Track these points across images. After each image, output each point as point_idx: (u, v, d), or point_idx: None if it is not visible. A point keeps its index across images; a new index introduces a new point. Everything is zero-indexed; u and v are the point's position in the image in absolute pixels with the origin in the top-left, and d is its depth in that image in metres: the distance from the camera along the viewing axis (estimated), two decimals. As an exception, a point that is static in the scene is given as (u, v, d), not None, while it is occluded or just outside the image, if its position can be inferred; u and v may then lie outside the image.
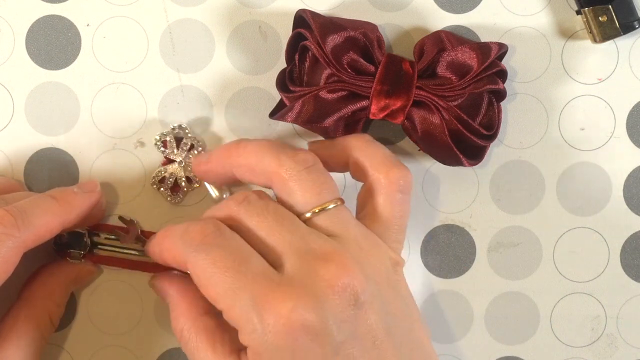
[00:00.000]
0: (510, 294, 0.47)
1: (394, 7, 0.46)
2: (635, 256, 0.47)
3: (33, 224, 0.41)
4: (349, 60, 0.42)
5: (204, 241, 0.39)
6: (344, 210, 0.41)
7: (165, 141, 0.46)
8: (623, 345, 0.48)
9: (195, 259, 0.39)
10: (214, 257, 0.38)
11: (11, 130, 0.46)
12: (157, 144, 0.46)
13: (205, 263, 0.38)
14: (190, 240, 0.39)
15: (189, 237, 0.39)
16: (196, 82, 0.46)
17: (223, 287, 0.38)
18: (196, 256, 0.39)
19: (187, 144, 0.46)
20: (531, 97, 0.46)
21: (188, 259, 0.39)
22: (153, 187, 0.46)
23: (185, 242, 0.39)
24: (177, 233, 0.40)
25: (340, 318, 0.37)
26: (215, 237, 0.39)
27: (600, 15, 0.44)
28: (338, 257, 0.38)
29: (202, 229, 0.39)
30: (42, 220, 0.41)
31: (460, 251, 0.47)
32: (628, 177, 0.47)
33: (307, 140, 0.45)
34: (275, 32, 0.46)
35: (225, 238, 0.39)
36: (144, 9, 0.46)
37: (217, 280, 0.38)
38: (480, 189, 0.47)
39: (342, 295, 0.37)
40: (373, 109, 0.42)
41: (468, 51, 0.42)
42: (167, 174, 0.46)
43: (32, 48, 0.46)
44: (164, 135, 0.46)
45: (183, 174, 0.46)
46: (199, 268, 0.39)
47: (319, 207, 0.40)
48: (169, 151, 0.46)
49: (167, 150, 0.46)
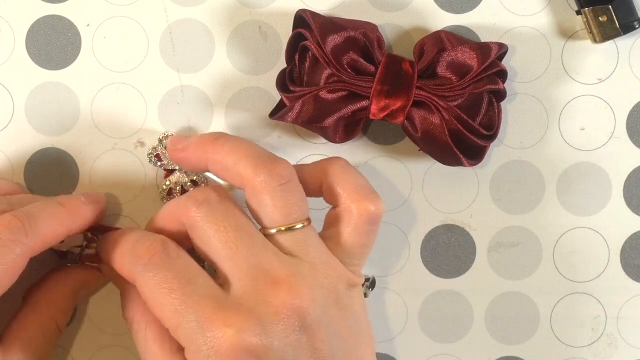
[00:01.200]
0: (510, 294, 0.47)
1: (394, 7, 0.46)
2: (635, 256, 0.47)
3: (40, 230, 0.40)
4: (349, 60, 0.42)
5: (151, 260, 0.39)
6: (308, 232, 0.41)
7: (158, 154, 0.46)
8: (623, 345, 0.48)
9: (142, 278, 0.39)
10: (160, 278, 0.38)
11: (11, 130, 0.46)
12: (151, 159, 0.46)
13: (152, 283, 0.39)
14: (137, 258, 0.39)
15: (136, 254, 0.40)
16: (196, 82, 0.46)
17: (169, 308, 0.38)
18: (143, 275, 0.39)
19: None
20: (531, 97, 0.46)
21: (135, 276, 0.39)
22: (163, 201, 0.46)
23: (133, 258, 0.40)
24: (126, 246, 0.40)
25: (285, 342, 0.37)
26: (161, 257, 0.39)
27: (600, 15, 0.44)
28: (289, 282, 0.38)
29: (149, 247, 0.39)
30: (49, 227, 0.41)
31: (460, 251, 0.47)
32: (628, 177, 0.47)
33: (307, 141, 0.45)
34: (275, 32, 0.46)
35: (171, 258, 0.39)
36: (144, 9, 0.46)
37: (163, 301, 0.38)
38: (480, 189, 0.47)
39: (287, 321, 0.37)
40: (373, 109, 0.42)
41: (468, 51, 0.42)
42: (172, 184, 0.46)
43: (32, 48, 0.46)
44: (155, 149, 0.45)
45: (187, 179, 0.46)
46: (145, 287, 0.39)
47: (286, 227, 0.40)
48: (166, 162, 0.46)
49: (162, 162, 0.46)
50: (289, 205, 0.40)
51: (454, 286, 0.47)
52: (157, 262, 0.39)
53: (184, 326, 0.38)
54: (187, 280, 0.38)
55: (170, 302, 0.38)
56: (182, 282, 0.38)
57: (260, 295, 0.38)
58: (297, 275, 0.39)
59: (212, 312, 0.37)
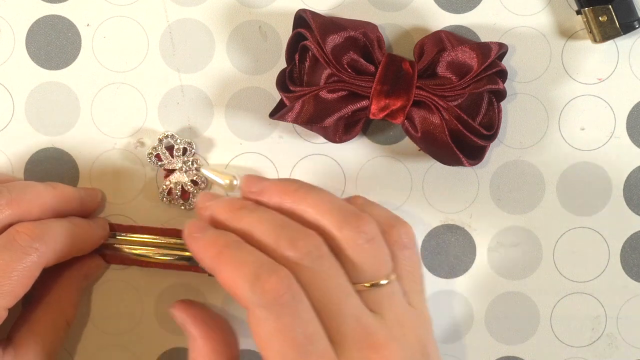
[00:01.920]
0: (511, 294, 0.47)
1: (394, 7, 0.46)
2: (635, 256, 0.47)
3: (56, 245, 0.41)
4: (349, 60, 0.42)
5: (277, 302, 0.37)
6: (395, 287, 0.40)
7: (158, 154, 0.46)
8: (623, 345, 0.48)
9: (261, 316, 0.37)
10: (284, 325, 0.37)
11: (11, 130, 0.46)
12: (151, 159, 0.46)
13: (273, 327, 0.37)
14: (261, 293, 0.37)
15: (260, 289, 0.37)
16: (196, 82, 0.46)
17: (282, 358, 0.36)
18: (263, 313, 0.37)
19: (180, 149, 0.46)
20: (531, 97, 0.46)
21: (253, 310, 0.37)
22: (164, 201, 0.46)
23: (256, 292, 0.37)
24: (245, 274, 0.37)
25: None
26: (288, 300, 0.37)
27: (600, 15, 0.44)
28: (387, 346, 0.38)
29: (276, 284, 0.37)
30: (64, 245, 0.42)
31: (460, 251, 0.47)
32: (628, 177, 0.47)
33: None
34: (275, 32, 0.46)
35: (297, 304, 0.37)
36: (144, 9, 0.46)
37: (279, 349, 0.36)
38: (480, 189, 0.47)
39: None
40: (373, 108, 0.42)
41: (468, 51, 0.42)
42: (172, 184, 0.46)
43: (32, 48, 0.46)
44: (155, 149, 0.46)
45: (187, 179, 0.46)
46: (263, 329, 0.37)
47: (372, 283, 0.39)
48: (166, 162, 0.46)
49: (162, 162, 0.46)
50: (377, 261, 0.40)
51: (454, 286, 0.47)
52: (284, 305, 0.37)
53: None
54: (308, 337, 0.37)
55: (288, 354, 0.36)
56: (304, 337, 0.37)
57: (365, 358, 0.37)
58: (392, 338, 0.38)
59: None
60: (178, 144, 0.46)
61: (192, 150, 0.46)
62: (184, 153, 0.46)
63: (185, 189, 0.46)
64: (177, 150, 0.46)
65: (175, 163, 0.46)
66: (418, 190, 0.47)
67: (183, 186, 0.46)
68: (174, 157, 0.46)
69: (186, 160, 0.46)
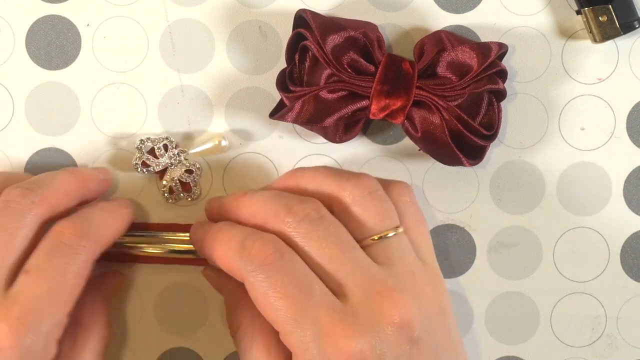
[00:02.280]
0: (511, 294, 0.47)
1: (394, 7, 0.46)
2: (635, 256, 0.47)
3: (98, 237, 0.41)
4: (349, 60, 0.42)
5: (265, 262, 0.38)
6: (403, 240, 0.41)
7: (143, 162, 0.45)
8: (623, 345, 0.48)
9: (254, 280, 0.38)
10: (275, 282, 0.37)
11: (11, 130, 0.46)
12: (139, 169, 0.45)
13: (266, 287, 0.37)
14: (248, 258, 0.38)
15: (247, 255, 0.38)
16: (196, 82, 0.46)
17: (284, 314, 0.37)
18: (256, 277, 0.38)
19: (160, 147, 0.45)
20: (531, 97, 0.46)
21: (246, 277, 0.38)
22: (170, 202, 0.46)
23: (243, 259, 0.38)
24: (233, 246, 0.39)
25: (397, 354, 0.37)
26: (275, 259, 0.38)
27: (600, 15, 0.44)
28: (397, 293, 0.38)
29: (261, 248, 0.38)
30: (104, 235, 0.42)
31: (460, 251, 0.47)
32: (628, 177, 0.47)
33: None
34: (275, 32, 0.46)
35: (286, 261, 0.38)
36: (144, 9, 0.46)
37: (277, 307, 0.37)
38: (480, 189, 0.47)
39: (399, 332, 0.37)
40: (373, 108, 0.42)
41: (468, 51, 0.42)
42: (169, 183, 0.46)
43: (32, 48, 0.46)
44: (139, 158, 0.45)
45: (180, 171, 0.46)
46: (258, 291, 0.38)
47: (379, 235, 0.40)
48: (154, 166, 0.46)
49: (151, 167, 0.46)
50: (381, 211, 0.40)
51: (454, 286, 0.47)
52: (272, 265, 0.38)
53: (299, 333, 0.37)
54: (303, 287, 0.37)
55: (287, 308, 0.37)
56: (298, 289, 0.37)
57: (375, 306, 0.37)
58: (403, 288, 0.39)
59: (329, 323, 0.37)
60: (157, 144, 0.45)
61: (172, 143, 0.46)
62: (166, 150, 0.46)
63: (183, 180, 0.46)
64: (158, 149, 0.45)
65: (162, 162, 0.46)
66: (418, 190, 0.47)
67: (180, 179, 0.46)
68: (159, 157, 0.46)
69: (171, 155, 0.46)
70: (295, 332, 0.37)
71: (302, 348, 0.37)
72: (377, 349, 0.37)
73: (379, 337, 0.37)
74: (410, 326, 0.38)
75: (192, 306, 0.47)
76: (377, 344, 0.37)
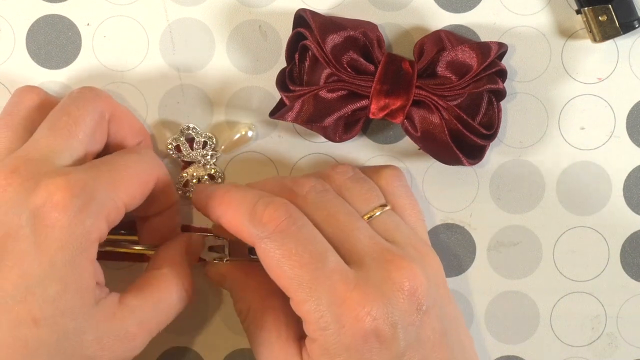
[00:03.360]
0: (510, 293, 0.47)
1: (394, 6, 0.46)
2: (635, 255, 0.47)
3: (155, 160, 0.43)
4: (348, 59, 0.42)
5: (278, 229, 0.38)
6: (394, 216, 0.41)
7: (177, 146, 0.46)
8: (623, 345, 0.48)
9: (267, 247, 0.38)
10: (288, 249, 0.37)
11: (11, 129, 0.46)
12: (171, 149, 0.46)
13: (279, 254, 0.37)
14: (260, 225, 0.38)
15: (259, 220, 0.38)
16: (196, 81, 0.46)
17: (298, 281, 0.37)
18: (268, 244, 0.38)
19: (200, 142, 0.46)
20: (531, 97, 0.46)
21: (258, 244, 0.38)
22: (179, 193, 0.46)
23: (255, 225, 0.38)
24: (243, 210, 0.39)
25: (408, 322, 0.38)
26: (288, 226, 0.38)
27: (600, 15, 0.44)
28: (406, 261, 0.38)
29: (273, 214, 0.38)
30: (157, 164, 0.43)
31: (460, 250, 0.47)
32: (628, 177, 0.47)
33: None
34: (275, 31, 0.46)
35: (299, 227, 0.38)
36: (144, 9, 0.46)
37: (291, 274, 0.37)
38: (480, 188, 0.47)
39: (410, 299, 0.38)
40: (373, 108, 0.42)
41: (468, 51, 0.42)
42: (189, 177, 0.46)
43: (32, 47, 0.46)
44: (175, 139, 0.46)
45: (204, 172, 0.46)
46: (271, 258, 0.38)
47: (368, 215, 0.41)
48: (185, 154, 0.46)
49: (182, 153, 0.46)
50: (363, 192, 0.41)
51: (454, 285, 0.47)
52: (284, 231, 0.38)
53: (312, 302, 0.37)
54: (317, 255, 0.37)
55: (300, 276, 0.37)
56: (312, 256, 0.37)
57: (386, 274, 0.38)
58: (410, 257, 0.39)
59: (344, 290, 0.37)
60: (199, 137, 0.46)
61: (212, 144, 0.46)
62: (203, 146, 0.46)
63: (202, 182, 0.46)
64: (197, 143, 0.46)
65: (194, 156, 0.46)
66: (418, 189, 0.47)
67: (200, 179, 0.46)
68: (194, 150, 0.46)
69: (204, 154, 0.46)
70: (309, 300, 0.37)
71: (316, 316, 0.37)
72: (389, 317, 0.37)
73: (391, 304, 0.37)
74: (419, 294, 0.38)
75: (193, 305, 0.47)
76: (389, 312, 0.37)
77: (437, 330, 0.39)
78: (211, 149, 0.46)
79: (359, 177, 0.42)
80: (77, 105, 0.40)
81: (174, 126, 0.46)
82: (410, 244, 0.40)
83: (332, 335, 0.37)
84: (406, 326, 0.37)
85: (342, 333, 0.37)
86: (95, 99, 0.41)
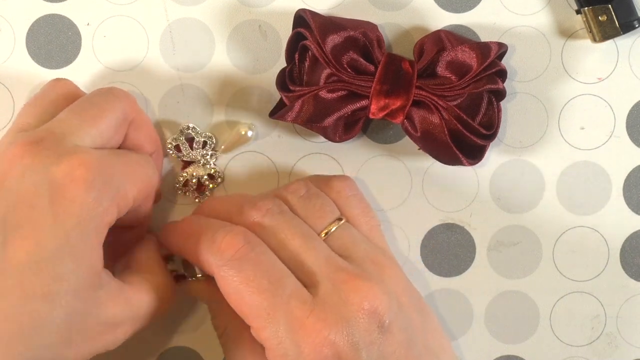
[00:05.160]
0: (510, 293, 0.47)
1: (394, 6, 0.46)
2: (635, 255, 0.47)
3: None
4: (348, 59, 0.42)
5: (236, 256, 0.38)
6: (350, 229, 0.41)
7: (177, 145, 0.46)
8: (623, 344, 0.48)
9: (225, 275, 0.38)
10: (246, 276, 0.37)
11: (12, 129, 0.46)
12: (170, 149, 0.46)
13: (237, 281, 0.37)
14: (218, 252, 0.38)
15: (217, 248, 0.38)
16: (196, 81, 0.46)
17: (256, 308, 0.37)
18: (227, 271, 0.38)
19: (200, 141, 0.46)
20: (531, 97, 0.46)
21: (216, 272, 0.38)
22: (179, 192, 0.46)
23: (213, 253, 0.38)
24: (202, 240, 0.39)
25: (369, 341, 0.37)
26: (246, 252, 0.38)
27: (600, 15, 0.44)
28: (361, 280, 0.38)
29: (231, 241, 0.38)
30: None
31: (460, 250, 0.47)
32: (628, 177, 0.47)
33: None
34: (275, 31, 0.46)
35: (257, 253, 0.38)
36: (144, 8, 0.46)
37: (249, 301, 0.37)
38: (480, 188, 0.47)
39: (370, 318, 0.38)
40: (373, 108, 0.43)
41: (468, 51, 0.42)
42: (189, 176, 0.46)
43: (32, 47, 0.46)
44: (175, 139, 0.46)
45: (204, 172, 0.46)
46: (229, 285, 0.38)
47: (324, 231, 0.41)
48: (185, 154, 0.46)
49: (181, 153, 0.46)
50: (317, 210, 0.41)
51: (454, 285, 0.47)
52: (242, 258, 0.38)
53: (271, 328, 0.37)
54: (275, 280, 0.37)
55: (259, 302, 0.37)
56: (270, 282, 0.37)
57: (343, 295, 0.38)
58: (366, 274, 0.39)
59: (302, 315, 0.37)
60: (199, 137, 0.46)
61: (212, 144, 0.46)
62: (203, 146, 0.46)
63: (202, 182, 0.46)
64: (197, 143, 0.46)
65: (194, 155, 0.46)
66: (418, 189, 0.47)
67: (199, 179, 0.46)
68: (194, 150, 0.46)
69: (204, 154, 0.46)
70: (268, 327, 0.37)
71: (275, 342, 0.37)
72: (349, 339, 0.37)
73: (350, 326, 0.37)
74: (380, 311, 0.38)
75: (193, 305, 0.47)
76: (349, 334, 0.37)
77: (402, 343, 0.39)
78: (211, 149, 0.46)
79: (311, 193, 0.42)
80: (105, 99, 0.40)
81: (173, 126, 0.46)
82: (367, 258, 0.40)
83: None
84: (368, 345, 0.37)
85: (302, 359, 0.37)
86: (122, 99, 0.41)
